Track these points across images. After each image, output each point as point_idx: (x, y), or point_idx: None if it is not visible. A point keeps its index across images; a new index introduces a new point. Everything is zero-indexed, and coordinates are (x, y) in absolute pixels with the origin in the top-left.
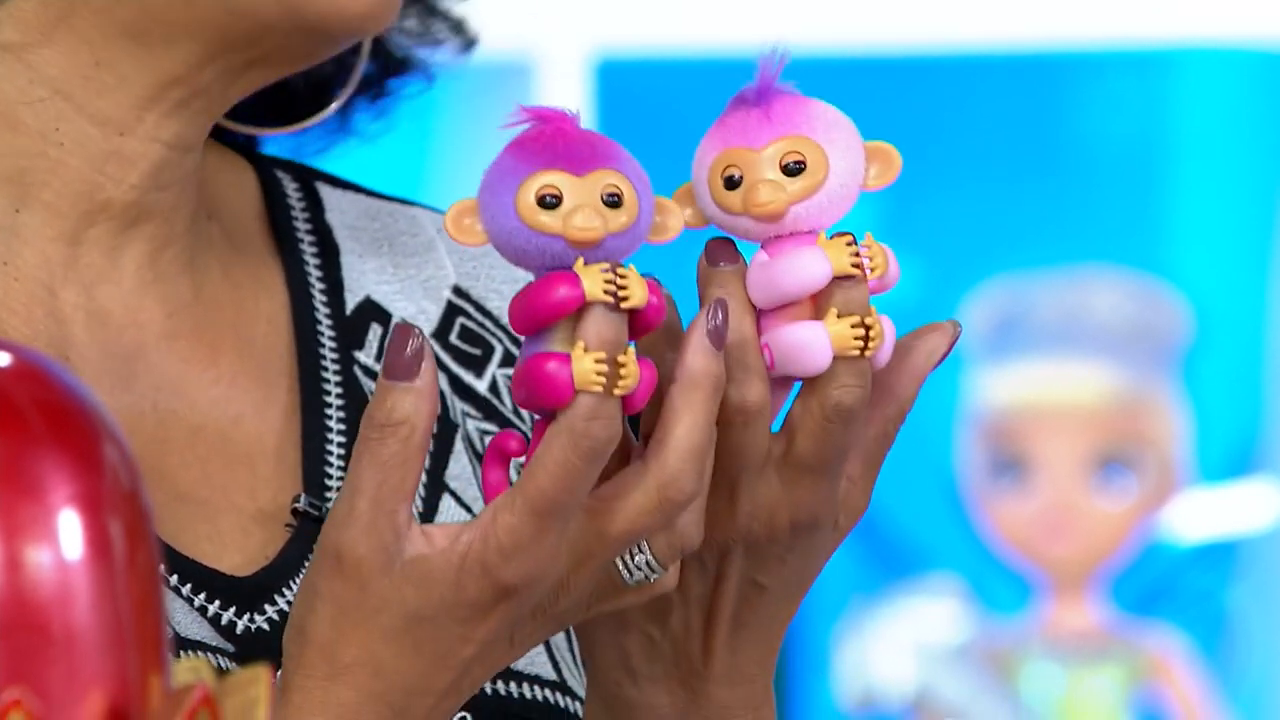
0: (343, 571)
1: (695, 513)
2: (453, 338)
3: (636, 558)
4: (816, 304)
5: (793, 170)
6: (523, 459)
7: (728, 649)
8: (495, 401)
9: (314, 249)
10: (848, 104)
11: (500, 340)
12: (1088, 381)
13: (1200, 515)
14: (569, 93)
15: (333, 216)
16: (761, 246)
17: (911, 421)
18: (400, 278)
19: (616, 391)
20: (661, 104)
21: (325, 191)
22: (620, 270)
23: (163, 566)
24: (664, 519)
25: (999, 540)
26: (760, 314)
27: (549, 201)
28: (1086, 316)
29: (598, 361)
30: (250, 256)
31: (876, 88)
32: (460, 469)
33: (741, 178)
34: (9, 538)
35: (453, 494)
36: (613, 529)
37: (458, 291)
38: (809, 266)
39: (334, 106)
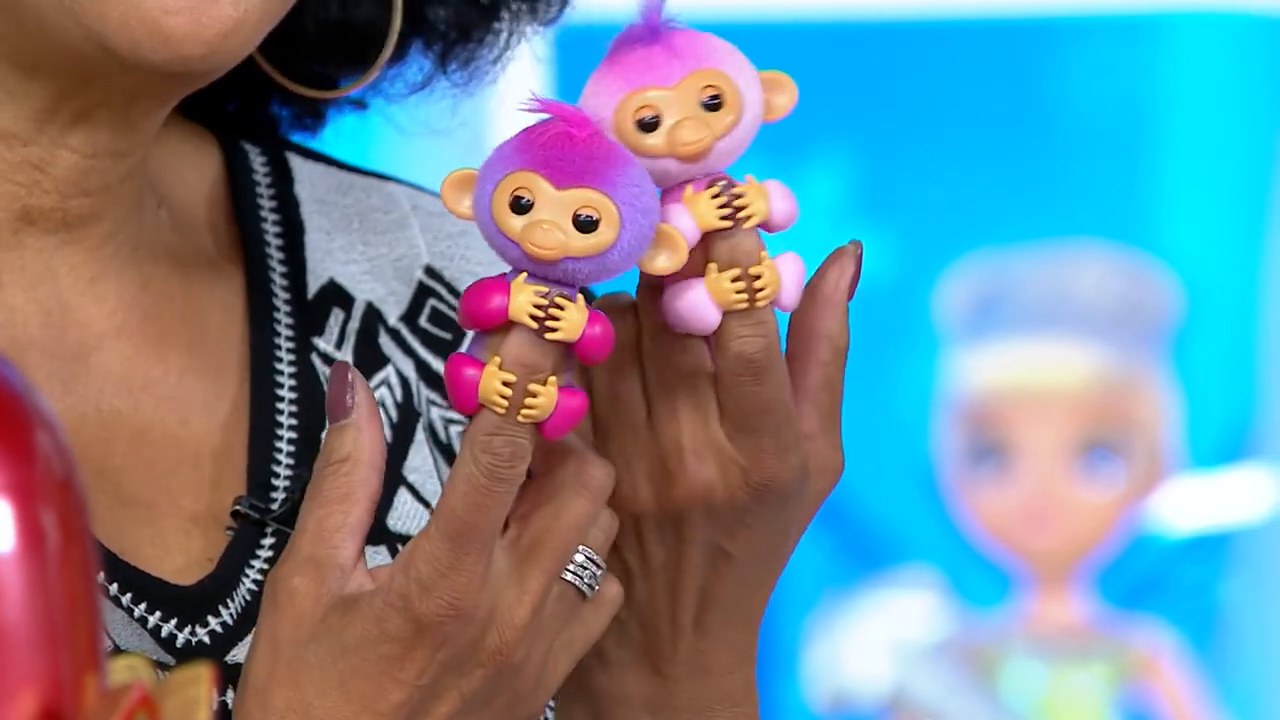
0: (277, 606)
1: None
2: (422, 320)
3: (576, 557)
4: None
5: (712, 106)
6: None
7: (697, 628)
8: None
9: (277, 229)
10: (824, 70)
11: None
12: (1072, 363)
13: (1191, 504)
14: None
15: (301, 189)
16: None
17: (886, 405)
18: (369, 256)
19: (519, 418)
20: None
21: (296, 163)
22: (559, 298)
23: (102, 572)
24: (593, 509)
25: (978, 531)
26: (664, 280)
27: (520, 205)
28: (1071, 295)
29: (504, 384)
30: (206, 243)
31: (853, 54)
32: (420, 461)
33: (658, 119)
34: None
35: (410, 487)
36: (544, 546)
37: (430, 272)
38: (676, 229)
39: (384, 57)
